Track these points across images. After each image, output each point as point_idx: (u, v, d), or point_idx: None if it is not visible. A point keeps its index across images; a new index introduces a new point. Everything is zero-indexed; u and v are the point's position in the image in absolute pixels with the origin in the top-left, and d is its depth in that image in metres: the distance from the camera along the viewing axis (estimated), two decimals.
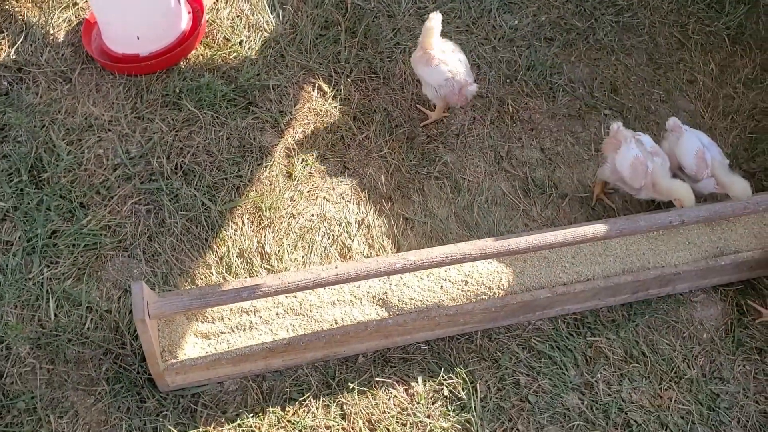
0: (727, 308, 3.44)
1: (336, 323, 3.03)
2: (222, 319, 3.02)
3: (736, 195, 3.34)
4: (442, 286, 3.16)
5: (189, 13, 4.11)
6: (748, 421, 3.15)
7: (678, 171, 3.55)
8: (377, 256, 3.44)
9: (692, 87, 4.24)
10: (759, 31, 4.56)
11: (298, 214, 3.55)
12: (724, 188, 3.44)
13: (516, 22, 4.39)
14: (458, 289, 3.16)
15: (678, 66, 4.32)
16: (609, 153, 3.54)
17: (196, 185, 3.57)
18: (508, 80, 4.15)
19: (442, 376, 3.13)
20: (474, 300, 3.15)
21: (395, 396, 3.07)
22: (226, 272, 3.33)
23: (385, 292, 3.11)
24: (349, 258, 3.43)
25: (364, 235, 3.51)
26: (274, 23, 4.23)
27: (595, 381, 3.18)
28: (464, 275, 3.20)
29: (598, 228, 3.06)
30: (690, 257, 3.33)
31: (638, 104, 4.12)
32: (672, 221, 3.10)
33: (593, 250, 3.31)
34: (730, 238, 3.42)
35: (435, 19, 3.54)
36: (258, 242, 3.43)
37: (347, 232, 3.51)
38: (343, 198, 3.63)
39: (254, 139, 3.76)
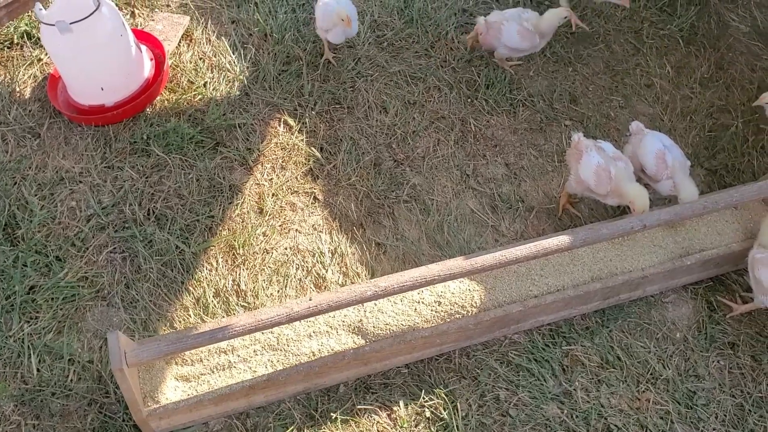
0: (698, 306, 3.51)
1: (314, 355, 3.08)
2: (201, 360, 3.07)
3: (682, 198, 3.42)
4: (416, 309, 3.22)
5: (151, 60, 4.19)
6: (725, 416, 3.20)
7: (640, 173, 3.62)
8: (352, 283, 3.49)
9: (650, 91, 4.34)
10: (711, 30, 4.67)
11: (272, 248, 3.60)
12: (677, 190, 3.53)
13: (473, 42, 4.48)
14: (432, 310, 3.22)
15: (635, 71, 4.42)
16: (573, 164, 3.61)
17: (169, 229, 3.63)
18: (468, 100, 4.24)
19: (423, 398, 3.18)
20: (448, 320, 3.20)
21: (378, 422, 3.12)
22: (204, 313, 3.38)
23: (360, 320, 3.16)
24: (325, 288, 3.48)
25: (338, 264, 3.57)
26: (236, 63, 4.31)
27: (574, 389, 3.23)
28: (437, 296, 3.26)
29: (562, 239, 3.13)
30: (656, 260, 3.40)
31: (598, 112, 4.21)
32: (634, 227, 3.17)
33: (561, 261, 3.38)
34: (695, 237, 3.49)
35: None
36: (233, 280, 3.49)
37: (321, 263, 3.56)
38: (315, 229, 3.69)
39: (224, 178, 3.83)
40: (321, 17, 4.05)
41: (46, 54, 4.29)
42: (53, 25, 3.64)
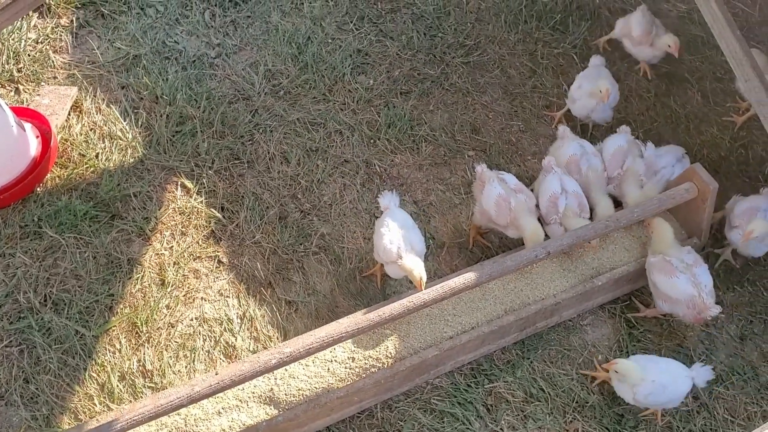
0: (616, 325, 3.48)
1: None
2: None
3: (599, 215, 3.42)
4: (329, 369, 3.10)
5: (37, 137, 4.02)
6: None
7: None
8: (264, 348, 3.36)
9: (549, 111, 4.34)
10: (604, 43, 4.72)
11: (176, 321, 3.45)
12: (591, 205, 3.55)
13: (371, 81, 4.44)
14: (346, 367, 3.10)
15: (532, 94, 4.43)
16: (477, 195, 3.58)
17: (68, 314, 3.44)
18: (371, 141, 4.18)
19: None
20: (364, 375, 3.09)
21: None
22: (109, 400, 3.20)
23: (271, 389, 3.03)
24: (236, 357, 3.34)
25: (247, 329, 3.44)
26: (128, 129, 4.17)
27: (500, 429, 3.15)
28: (350, 352, 3.15)
29: (468, 277, 3.07)
30: (567, 284, 3.36)
31: (500, 139, 4.19)
32: (538, 255, 3.13)
33: (473, 297, 3.31)
34: (604, 256, 3.47)
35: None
36: (138, 361, 3.32)
37: (229, 330, 3.42)
38: (221, 294, 3.56)
39: (121, 252, 3.66)
40: None
41: None
42: None
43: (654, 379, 2.99)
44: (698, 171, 3.42)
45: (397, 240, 3.20)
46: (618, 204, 3.69)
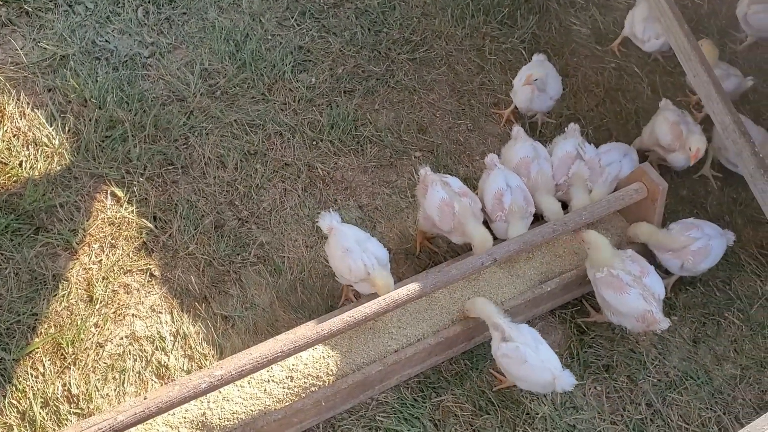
0: (567, 331, 3.37)
1: None
2: None
3: (547, 216, 3.31)
4: (265, 390, 2.92)
5: None
6: None
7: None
8: (199, 368, 3.17)
9: (497, 109, 4.21)
10: (554, 37, 4.61)
11: (105, 341, 3.24)
12: (539, 208, 3.43)
13: (313, 80, 4.25)
14: (284, 387, 2.93)
15: (480, 91, 4.29)
16: (420, 199, 3.43)
17: None
18: (313, 143, 4.00)
19: None
20: (303, 395, 2.93)
21: None
22: (30, 429, 2.98)
23: (204, 413, 2.85)
24: (168, 378, 3.15)
25: (181, 347, 3.24)
26: (54, 135, 3.92)
27: None
28: (288, 370, 2.98)
29: (411, 288, 2.92)
30: (516, 290, 3.23)
31: (447, 139, 4.05)
32: (483, 262, 3.00)
33: (418, 308, 3.16)
34: (553, 261, 3.36)
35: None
36: (63, 385, 3.10)
37: (162, 349, 3.22)
38: (153, 310, 3.35)
39: (46, 268, 3.43)
40: None
41: None
42: None
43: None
44: (647, 171, 3.32)
45: (359, 256, 3.03)
46: (565, 208, 3.58)
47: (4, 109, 4.04)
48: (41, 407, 3.04)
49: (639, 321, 3.06)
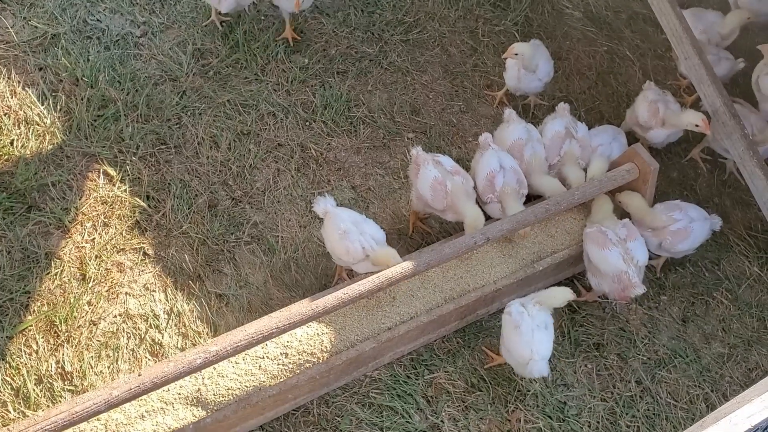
0: (558, 310, 3.39)
1: None
2: None
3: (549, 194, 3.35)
4: (260, 366, 2.94)
5: None
6: (598, 423, 3.10)
7: None
8: (193, 345, 3.18)
9: (490, 91, 4.22)
10: (546, 20, 4.63)
11: (99, 318, 3.24)
12: (538, 189, 3.45)
13: (306, 61, 4.24)
14: (278, 364, 2.95)
15: (473, 73, 4.30)
16: (413, 179, 3.45)
17: None
18: (306, 123, 4.00)
19: None
20: (298, 372, 2.94)
21: None
22: (25, 406, 2.98)
23: (198, 389, 2.86)
24: (162, 355, 3.16)
25: (175, 325, 3.25)
26: (46, 114, 3.90)
27: (441, 421, 3.05)
28: (283, 347, 3.00)
29: (405, 266, 2.94)
30: (508, 270, 3.26)
31: (440, 120, 4.06)
32: (477, 242, 3.02)
33: (411, 286, 3.18)
34: (545, 241, 3.39)
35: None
36: (56, 362, 3.10)
37: (155, 327, 3.23)
38: (147, 289, 3.36)
39: (38, 246, 3.42)
40: None
41: None
42: None
43: None
44: (639, 151, 3.35)
45: (356, 237, 3.04)
46: None
47: None
48: (35, 384, 3.04)
49: (615, 282, 3.10)
